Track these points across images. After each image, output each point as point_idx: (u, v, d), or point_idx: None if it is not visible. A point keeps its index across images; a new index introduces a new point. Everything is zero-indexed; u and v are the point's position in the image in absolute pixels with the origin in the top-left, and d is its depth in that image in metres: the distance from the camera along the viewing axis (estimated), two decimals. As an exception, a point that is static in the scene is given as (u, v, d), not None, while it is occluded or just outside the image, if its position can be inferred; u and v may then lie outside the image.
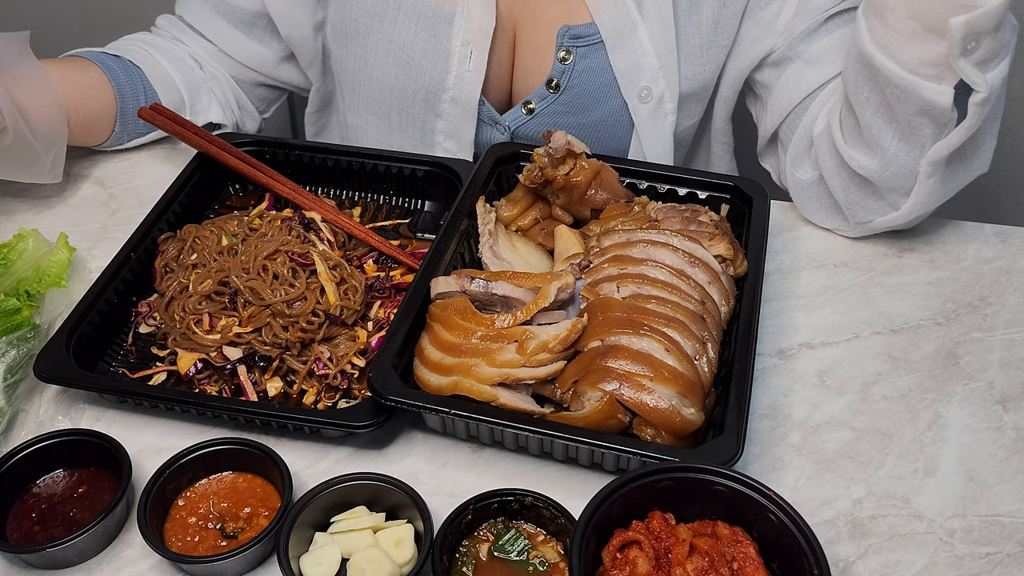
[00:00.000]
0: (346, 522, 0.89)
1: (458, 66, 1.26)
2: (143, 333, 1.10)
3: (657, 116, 1.27)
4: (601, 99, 1.28)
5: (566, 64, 1.26)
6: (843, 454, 0.98)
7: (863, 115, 1.09)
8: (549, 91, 1.28)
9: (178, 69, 1.38)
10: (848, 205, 1.18)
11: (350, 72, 1.35)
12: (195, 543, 0.89)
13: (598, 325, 0.96)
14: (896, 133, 1.07)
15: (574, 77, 1.27)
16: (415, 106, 1.32)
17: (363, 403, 0.97)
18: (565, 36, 1.25)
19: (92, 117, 1.29)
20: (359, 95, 1.37)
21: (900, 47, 1.01)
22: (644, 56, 1.23)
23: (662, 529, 0.81)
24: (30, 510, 0.92)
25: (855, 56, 1.08)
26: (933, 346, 1.10)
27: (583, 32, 1.25)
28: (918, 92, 1.01)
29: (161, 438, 1.00)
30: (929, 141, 1.06)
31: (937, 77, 1.00)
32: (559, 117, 1.30)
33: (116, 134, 1.34)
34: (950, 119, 1.02)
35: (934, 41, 0.98)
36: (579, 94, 1.28)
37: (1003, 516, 0.93)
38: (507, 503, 0.88)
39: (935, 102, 1.01)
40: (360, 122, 1.40)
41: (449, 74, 1.27)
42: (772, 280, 1.17)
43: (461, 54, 1.25)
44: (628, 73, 1.25)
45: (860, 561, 0.90)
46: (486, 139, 1.34)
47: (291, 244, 1.10)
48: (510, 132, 1.33)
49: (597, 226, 1.11)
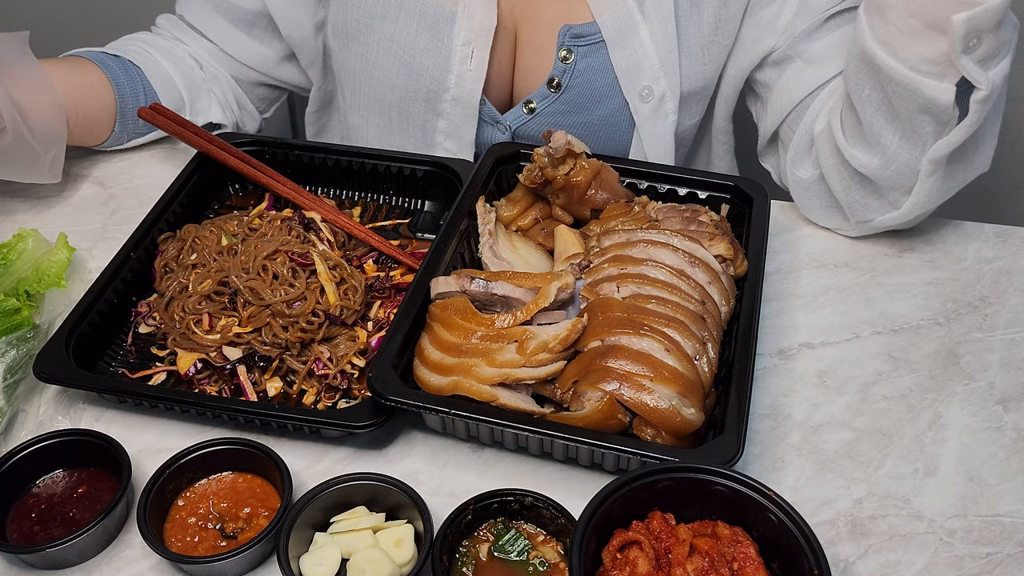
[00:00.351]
0: (346, 522, 0.89)
1: (459, 65, 1.26)
2: (143, 333, 1.10)
3: (658, 115, 1.27)
4: (602, 98, 1.28)
5: (567, 63, 1.26)
6: (843, 454, 0.98)
7: (864, 113, 1.09)
8: (550, 90, 1.28)
9: (178, 69, 1.38)
10: (849, 204, 1.18)
11: (351, 71, 1.35)
12: (195, 543, 0.89)
13: (598, 325, 0.96)
14: (897, 131, 1.07)
15: (575, 76, 1.27)
16: (416, 105, 1.32)
17: (363, 403, 0.97)
18: (566, 35, 1.25)
19: (92, 117, 1.29)
20: (360, 94, 1.37)
21: (901, 44, 1.01)
22: (645, 55, 1.23)
23: (662, 529, 0.81)
24: (30, 510, 0.92)
25: (856, 54, 1.08)
26: (933, 346, 1.09)
27: (584, 31, 1.25)
28: (919, 90, 1.01)
29: (161, 438, 1.00)
30: (930, 139, 1.06)
31: (938, 75, 1.00)
32: (560, 116, 1.30)
33: (116, 134, 1.34)
34: (951, 117, 1.03)
35: (935, 38, 0.98)
36: (580, 93, 1.28)
37: (1003, 516, 0.93)
38: (507, 503, 0.88)
39: (936, 100, 1.01)
40: (361, 121, 1.40)
41: (450, 73, 1.27)
42: (772, 280, 1.17)
43: (462, 53, 1.25)
44: (629, 72, 1.25)
45: (860, 561, 0.90)
46: (487, 139, 1.34)
47: (291, 244, 1.10)
48: (511, 132, 1.33)
49: (597, 226, 1.11)
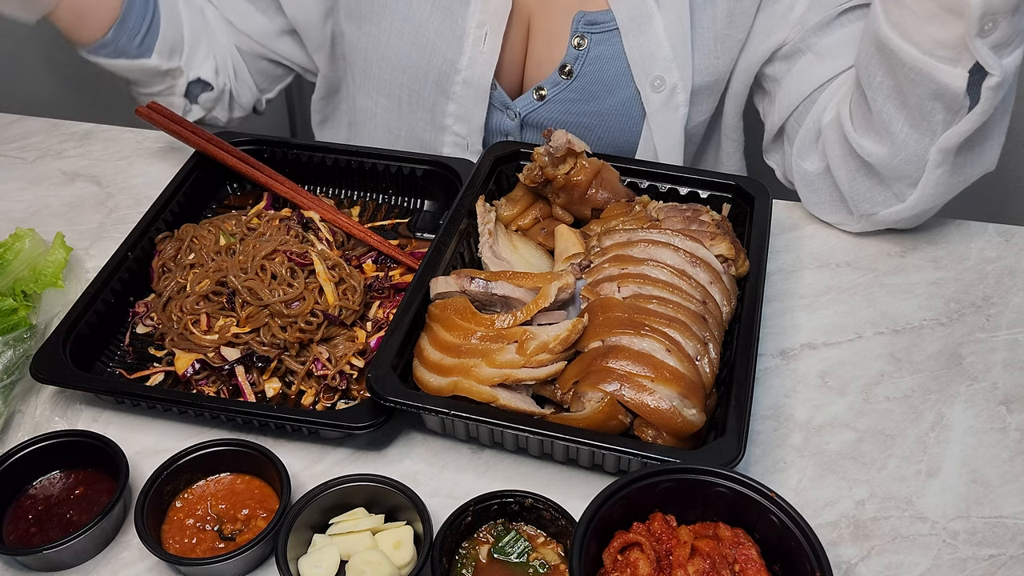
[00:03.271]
0: (345, 524, 0.88)
1: (472, 47, 1.25)
2: (140, 333, 1.10)
3: (669, 107, 1.27)
4: (614, 87, 1.28)
5: (580, 50, 1.26)
6: (845, 455, 0.98)
7: (875, 101, 1.10)
8: (562, 77, 1.28)
9: (188, 11, 1.36)
10: (853, 196, 1.18)
11: (362, 52, 1.34)
12: (193, 545, 0.89)
13: (599, 325, 0.96)
14: (908, 119, 1.08)
15: (588, 64, 1.26)
16: (427, 87, 1.31)
17: (362, 404, 0.97)
18: (580, 22, 1.25)
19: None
20: (370, 76, 1.36)
21: (917, 28, 1.02)
22: (659, 46, 1.23)
23: (663, 531, 0.81)
24: (26, 512, 0.91)
25: (869, 40, 1.09)
26: (936, 346, 1.09)
27: (599, 19, 1.24)
28: (933, 75, 1.02)
29: (158, 439, 0.99)
30: (940, 128, 1.06)
31: (952, 60, 1.01)
32: (571, 104, 1.30)
33: (108, 38, 1.28)
34: (962, 106, 1.03)
35: (951, 22, 0.99)
36: (592, 81, 1.28)
37: (1006, 518, 0.93)
38: (507, 505, 0.88)
39: (949, 86, 1.02)
40: (370, 104, 1.39)
41: (463, 55, 1.26)
42: (774, 280, 1.17)
43: (476, 35, 1.24)
44: (642, 61, 1.24)
45: (863, 563, 0.89)
46: (496, 125, 1.34)
47: (289, 244, 1.10)
48: (520, 118, 1.32)
49: (598, 225, 1.11)
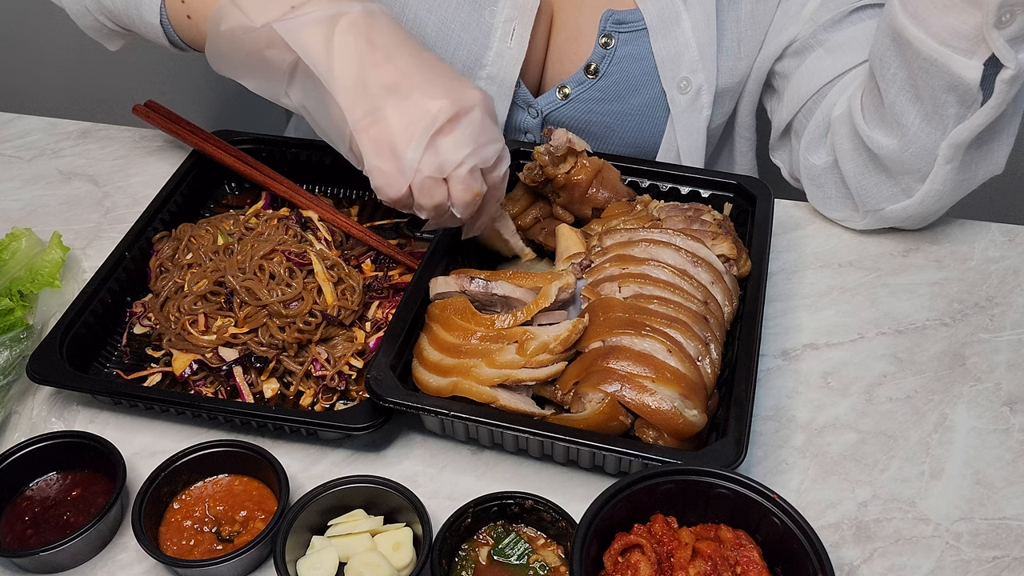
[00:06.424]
0: (343, 525, 0.88)
1: (499, 43, 1.23)
2: (137, 334, 1.09)
3: (694, 108, 1.26)
4: (639, 87, 1.27)
5: (607, 49, 1.25)
6: (848, 456, 0.97)
7: (888, 93, 1.10)
8: (587, 76, 1.27)
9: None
10: (860, 191, 1.18)
11: None
12: (190, 547, 0.88)
13: (599, 325, 0.95)
14: (920, 112, 1.08)
15: (614, 63, 1.25)
16: None
17: (361, 405, 0.96)
18: (608, 21, 1.24)
19: None
20: None
21: (934, 17, 1.02)
22: (686, 46, 1.22)
23: (664, 533, 0.81)
24: (23, 513, 0.91)
25: (885, 30, 1.08)
26: (939, 347, 1.09)
27: (627, 18, 1.24)
28: (948, 66, 1.02)
29: (156, 440, 0.99)
30: (952, 122, 1.06)
31: (968, 51, 1.01)
32: (594, 104, 1.29)
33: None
34: (975, 100, 1.03)
35: (969, 11, 0.99)
36: (617, 80, 1.27)
37: (1010, 519, 0.92)
38: (507, 506, 0.88)
39: (963, 77, 1.02)
40: None
41: (489, 50, 1.24)
42: (776, 280, 1.17)
43: (504, 30, 1.23)
44: (669, 62, 1.24)
45: (865, 565, 0.89)
46: (517, 123, 1.32)
47: (288, 243, 1.09)
48: (542, 116, 1.30)
49: (599, 225, 1.10)
